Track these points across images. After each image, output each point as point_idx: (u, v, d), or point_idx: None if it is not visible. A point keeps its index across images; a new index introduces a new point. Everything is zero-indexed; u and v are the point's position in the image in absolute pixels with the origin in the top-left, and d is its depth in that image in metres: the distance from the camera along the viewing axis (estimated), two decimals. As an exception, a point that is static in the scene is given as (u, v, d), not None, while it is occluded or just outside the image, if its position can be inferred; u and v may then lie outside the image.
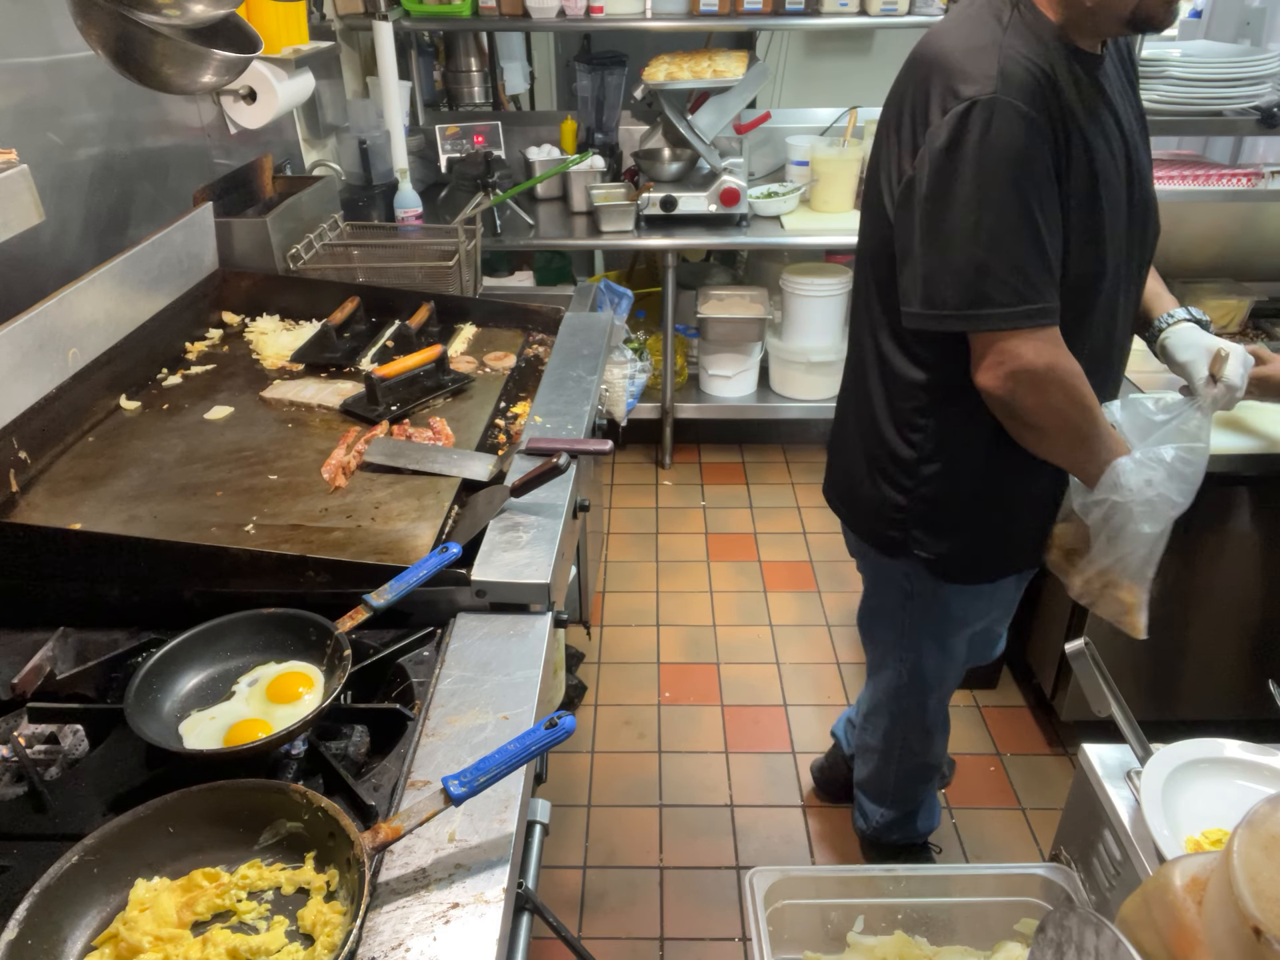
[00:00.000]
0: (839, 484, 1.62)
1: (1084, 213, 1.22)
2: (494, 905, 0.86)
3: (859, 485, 1.52)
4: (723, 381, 3.43)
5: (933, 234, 1.21)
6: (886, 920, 1.37)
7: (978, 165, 1.15)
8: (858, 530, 1.59)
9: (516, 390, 1.77)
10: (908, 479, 1.43)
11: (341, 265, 2.16)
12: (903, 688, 1.69)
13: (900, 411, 1.40)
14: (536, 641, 1.18)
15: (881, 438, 1.44)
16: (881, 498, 1.47)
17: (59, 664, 1.17)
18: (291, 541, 1.27)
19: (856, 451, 1.52)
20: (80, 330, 1.50)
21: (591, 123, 3.51)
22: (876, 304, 1.39)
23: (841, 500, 1.62)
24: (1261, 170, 2.57)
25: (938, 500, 1.43)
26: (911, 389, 1.37)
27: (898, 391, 1.39)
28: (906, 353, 1.36)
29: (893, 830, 1.91)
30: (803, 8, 3.00)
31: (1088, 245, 1.24)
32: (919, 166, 1.20)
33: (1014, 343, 1.20)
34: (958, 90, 1.15)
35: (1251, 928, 0.74)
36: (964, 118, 1.14)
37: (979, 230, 1.17)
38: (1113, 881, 1.15)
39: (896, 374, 1.38)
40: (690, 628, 2.71)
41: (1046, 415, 1.26)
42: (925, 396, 1.36)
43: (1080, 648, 1.22)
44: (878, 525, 1.51)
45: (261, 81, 2.05)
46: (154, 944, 0.82)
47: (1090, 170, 1.20)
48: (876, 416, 1.44)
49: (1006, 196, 1.15)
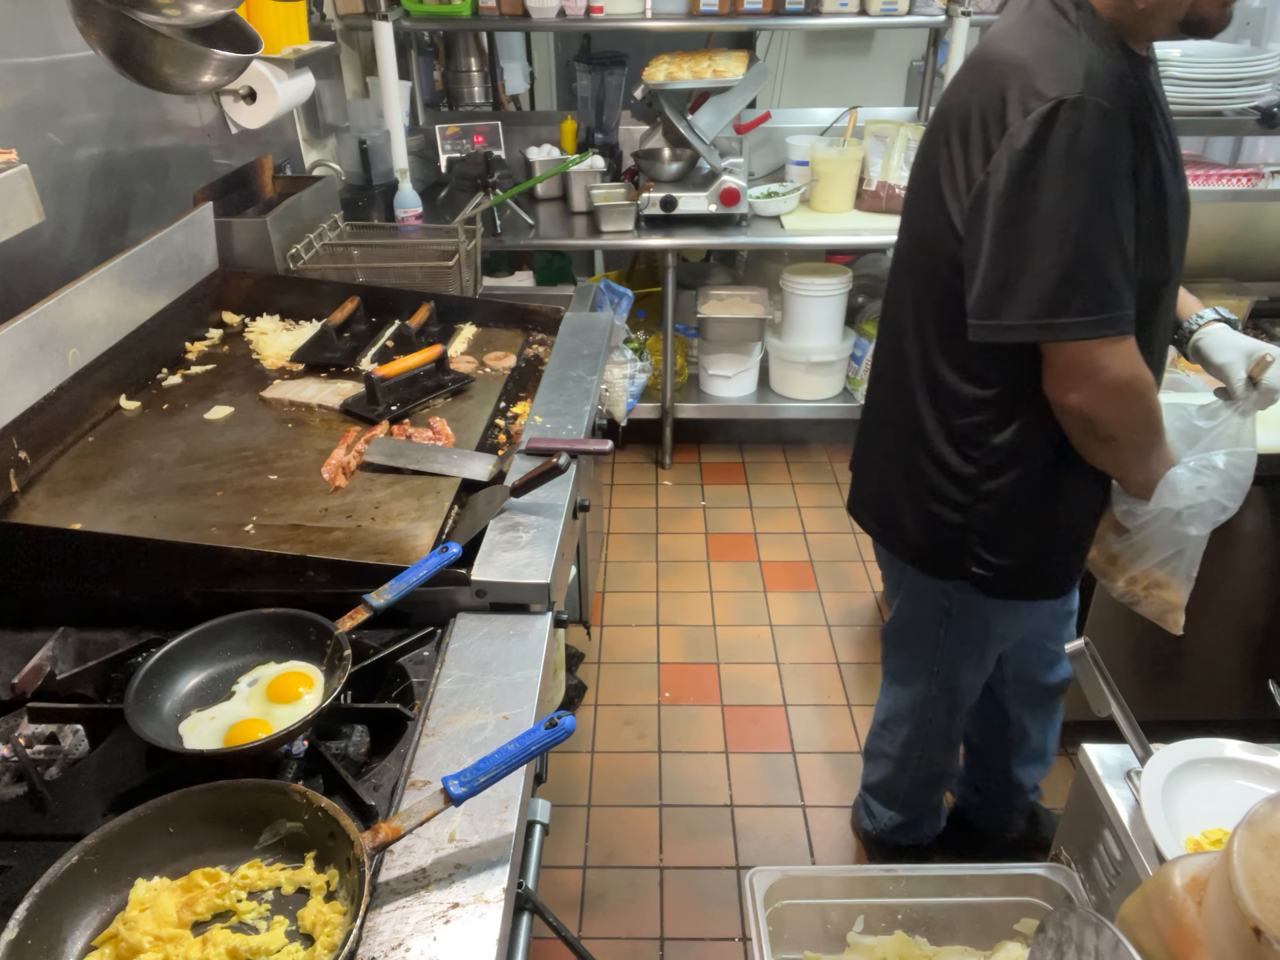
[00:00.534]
0: (870, 503, 1.58)
1: (1152, 215, 1.19)
2: (494, 905, 0.86)
3: (898, 504, 1.48)
4: (723, 381, 3.43)
5: (1011, 239, 1.16)
6: (886, 920, 1.37)
7: (1064, 166, 1.11)
8: (896, 549, 1.55)
9: (516, 390, 1.77)
10: (965, 495, 1.38)
11: (341, 265, 2.16)
12: (931, 700, 1.67)
13: (958, 429, 1.35)
14: (536, 641, 1.18)
15: (934, 456, 1.39)
16: (931, 517, 1.43)
17: (59, 664, 1.17)
18: (291, 541, 1.27)
19: (893, 470, 1.48)
20: (80, 330, 1.50)
21: (591, 123, 3.51)
22: (929, 321, 1.34)
23: (876, 519, 1.57)
24: (1261, 170, 2.58)
25: (1000, 517, 1.38)
26: (972, 405, 1.32)
27: (954, 408, 1.34)
28: (966, 369, 1.31)
29: (900, 833, 1.91)
30: (803, 8, 3.00)
31: (1157, 250, 1.21)
32: (994, 171, 1.16)
33: (1097, 354, 1.16)
34: (1041, 91, 1.11)
35: (1251, 928, 0.74)
36: (1049, 117, 1.10)
37: (1064, 234, 1.12)
38: (1113, 881, 1.15)
39: (952, 391, 1.33)
40: (690, 628, 2.71)
41: (1123, 428, 1.23)
42: (988, 412, 1.32)
43: (1080, 648, 1.22)
44: (924, 544, 1.47)
45: (261, 81, 2.05)
46: (154, 944, 0.82)
47: (1156, 171, 1.18)
48: (927, 434, 1.39)
49: (1093, 198, 1.11)
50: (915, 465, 1.43)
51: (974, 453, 1.35)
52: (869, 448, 1.58)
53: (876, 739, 1.85)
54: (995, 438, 1.33)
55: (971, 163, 1.20)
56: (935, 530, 1.44)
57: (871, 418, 1.57)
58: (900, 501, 1.48)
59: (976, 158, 1.19)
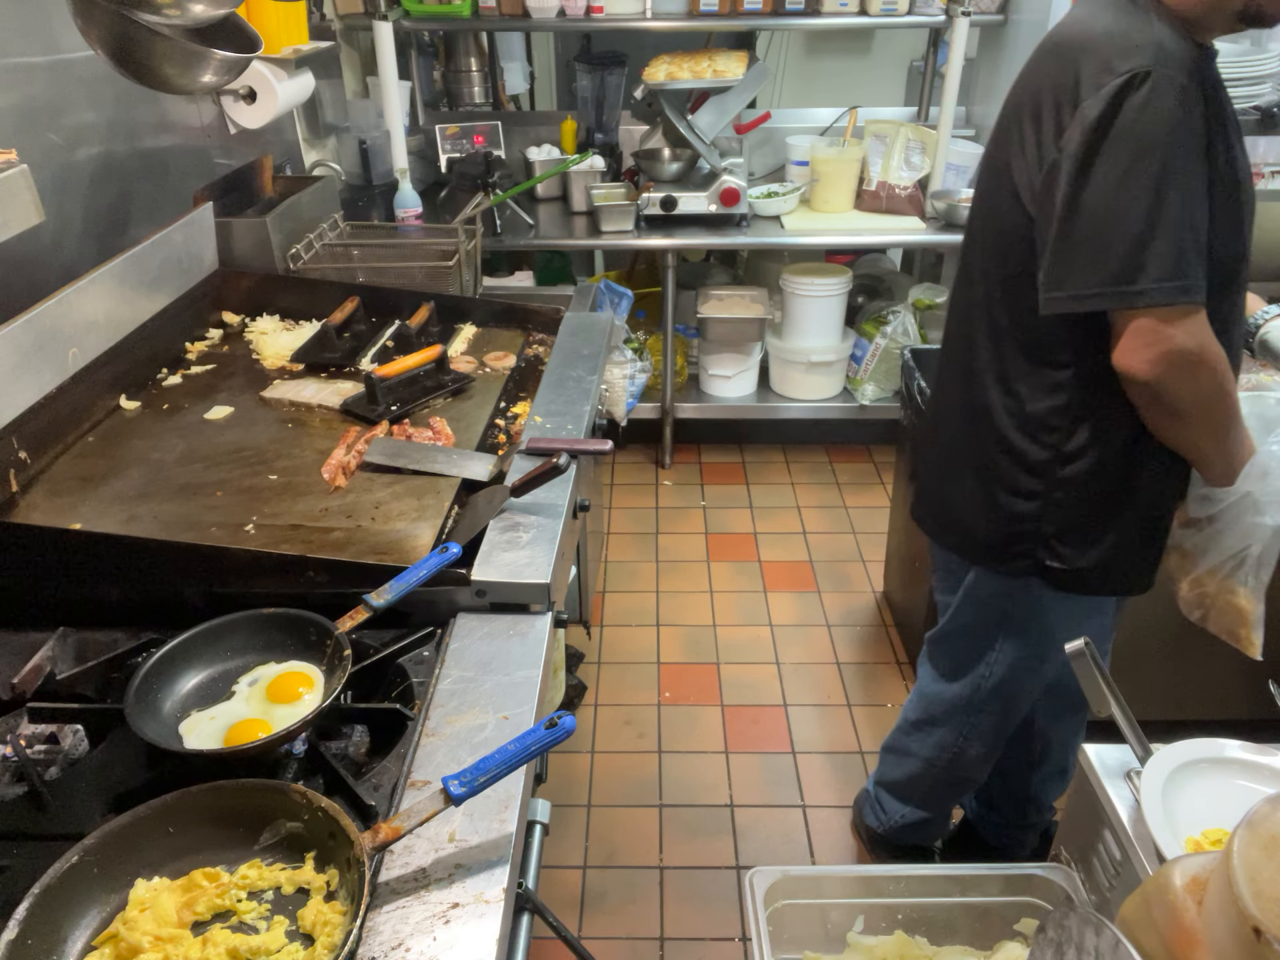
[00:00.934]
0: (932, 502, 1.57)
1: (1226, 195, 1.19)
2: (494, 905, 0.86)
3: (965, 502, 1.47)
4: (723, 381, 3.43)
5: (1083, 210, 1.17)
6: (886, 920, 1.37)
7: (1137, 136, 1.12)
8: (961, 549, 1.52)
9: (516, 390, 1.77)
10: (1039, 483, 1.37)
11: (341, 265, 2.16)
12: (975, 706, 1.65)
13: (1031, 415, 1.34)
14: (536, 641, 1.18)
15: (1006, 445, 1.38)
16: (1001, 510, 1.41)
17: (59, 664, 1.17)
18: (291, 541, 1.27)
19: (961, 467, 1.46)
20: (80, 330, 1.50)
21: (591, 123, 3.51)
22: (1001, 307, 1.34)
23: (939, 520, 1.56)
24: (1261, 170, 2.57)
25: (1076, 504, 1.36)
26: (1046, 389, 1.32)
27: (1028, 393, 1.34)
28: (1040, 351, 1.31)
29: (910, 832, 1.90)
30: (803, 8, 3.00)
31: (1231, 226, 1.21)
32: (1066, 145, 1.17)
33: (1166, 322, 1.16)
34: (1114, 66, 1.13)
35: (1251, 928, 0.74)
36: (1123, 90, 1.12)
37: (1135, 202, 1.13)
38: (1113, 881, 1.15)
39: (1026, 375, 1.33)
40: (690, 628, 2.71)
41: (1193, 401, 1.22)
42: (1063, 395, 1.31)
43: (1080, 648, 1.22)
44: (994, 540, 1.45)
45: (261, 81, 2.05)
46: (154, 944, 0.82)
47: (1228, 149, 1.19)
48: (998, 424, 1.38)
49: (1165, 169, 1.12)
50: (985, 458, 1.42)
51: (1049, 438, 1.34)
52: (934, 449, 1.56)
53: (904, 737, 1.82)
54: (1070, 421, 1.32)
55: (1043, 141, 1.22)
56: (1006, 523, 1.42)
57: (938, 419, 1.55)
58: (967, 498, 1.46)
59: (1048, 136, 1.21)
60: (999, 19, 3.07)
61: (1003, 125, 1.32)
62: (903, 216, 3.15)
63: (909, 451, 1.70)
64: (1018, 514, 1.40)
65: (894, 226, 3.13)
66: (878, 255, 3.82)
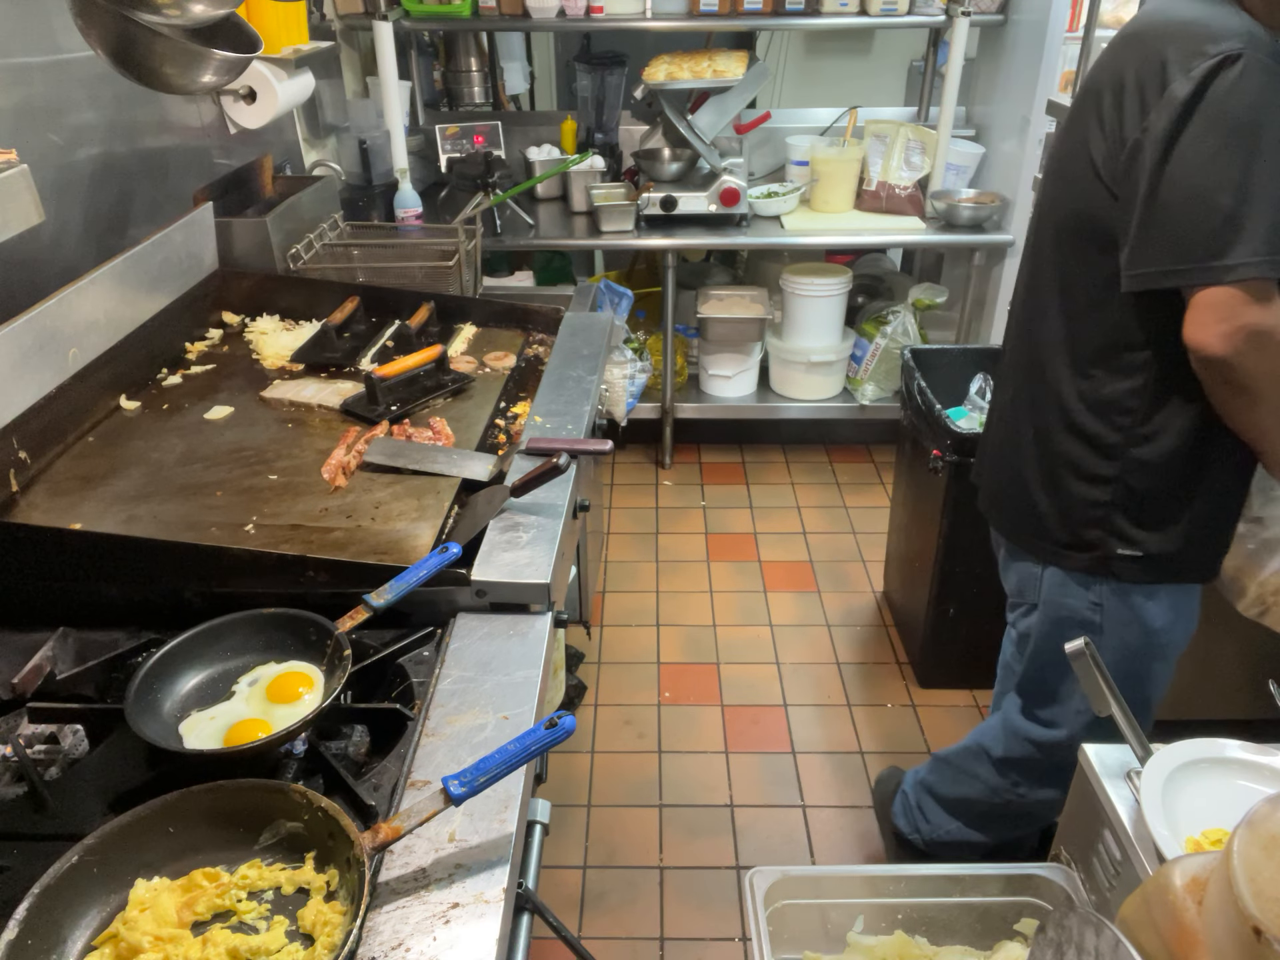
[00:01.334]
0: (999, 498, 1.55)
1: None
2: (494, 905, 0.86)
3: (1033, 495, 1.45)
4: (723, 381, 3.43)
5: (1171, 187, 1.17)
6: (886, 920, 1.37)
7: (1227, 114, 1.13)
8: (1033, 547, 1.50)
9: (516, 390, 1.77)
10: (1111, 467, 1.36)
11: (341, 265, 2.16)
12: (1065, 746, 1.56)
13: (1106, 398, 1.34)
14: (536, 641, 1.18)
15: (1077, 429, 1.38)
16: (1071, 498, 1.41)
17: (59, 664, 1.17)
18: (291, 541, 1.27)
19: (1028, 459, 1.45)
20: (80, 330, 1.50)
21: (591, 123, 3.51)
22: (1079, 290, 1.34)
23: (1009, 517, 1.54)
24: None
25: (1148, 488, 1.36)
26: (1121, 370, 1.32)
27: (1103, 375, 1.34)
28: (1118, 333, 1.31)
29: (953, 850, 1.82)
30: (803, 8, 3.00)
31: None
32: (1152, 125, 1.18)
33: (1243, 298, 1.16)
34: (1205, 49, 1.14)
35: (1251, 928, 0.74)
36: (1214, 71, 1.13)
37: (1225, 179, 1.14)
38: (1113, 881, 1.15)
39: (1101, 357, 1.33)
40: (690, 628, 2.71)
41: (1265, 380, 1.21)
42: (1139, 376, 1.31)
43: (1080, 648, 1.22)
44: (1065, 533, 1.43)
45: (261, 81, 2.05)
46: (154, 944, 0.82)
47: None
48: (1069, 409, 1.38)
49: (1255, 146, 1.13)
50: (1054, 445, 1.41)
51: (1123, 420, 1.34)
52: (999, 445, 1.55)
53: (973, 760, 1.75)
54: (1147, 403, 1.32)
55: (1126, 123, 1.22)
56: (1077, 511, 1.41)
57: (1004, 414, 1.54)
58: (1035, 490, 1.45)
59: (1131, 118, 1.22)
60: (999, 19, 3.07)
61: (1077, 111, 1.32)
62: (903, 216, 3.15)
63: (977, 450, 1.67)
64: (1088, 500, 1.39)
65: (894, 226, 3.13)
66: (878, 255, 3.82)
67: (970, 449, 2.08)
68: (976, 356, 2.48)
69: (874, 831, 2.07)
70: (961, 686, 2.47)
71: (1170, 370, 1.29)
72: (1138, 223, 1.22)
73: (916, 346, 2.52)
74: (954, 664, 2.44)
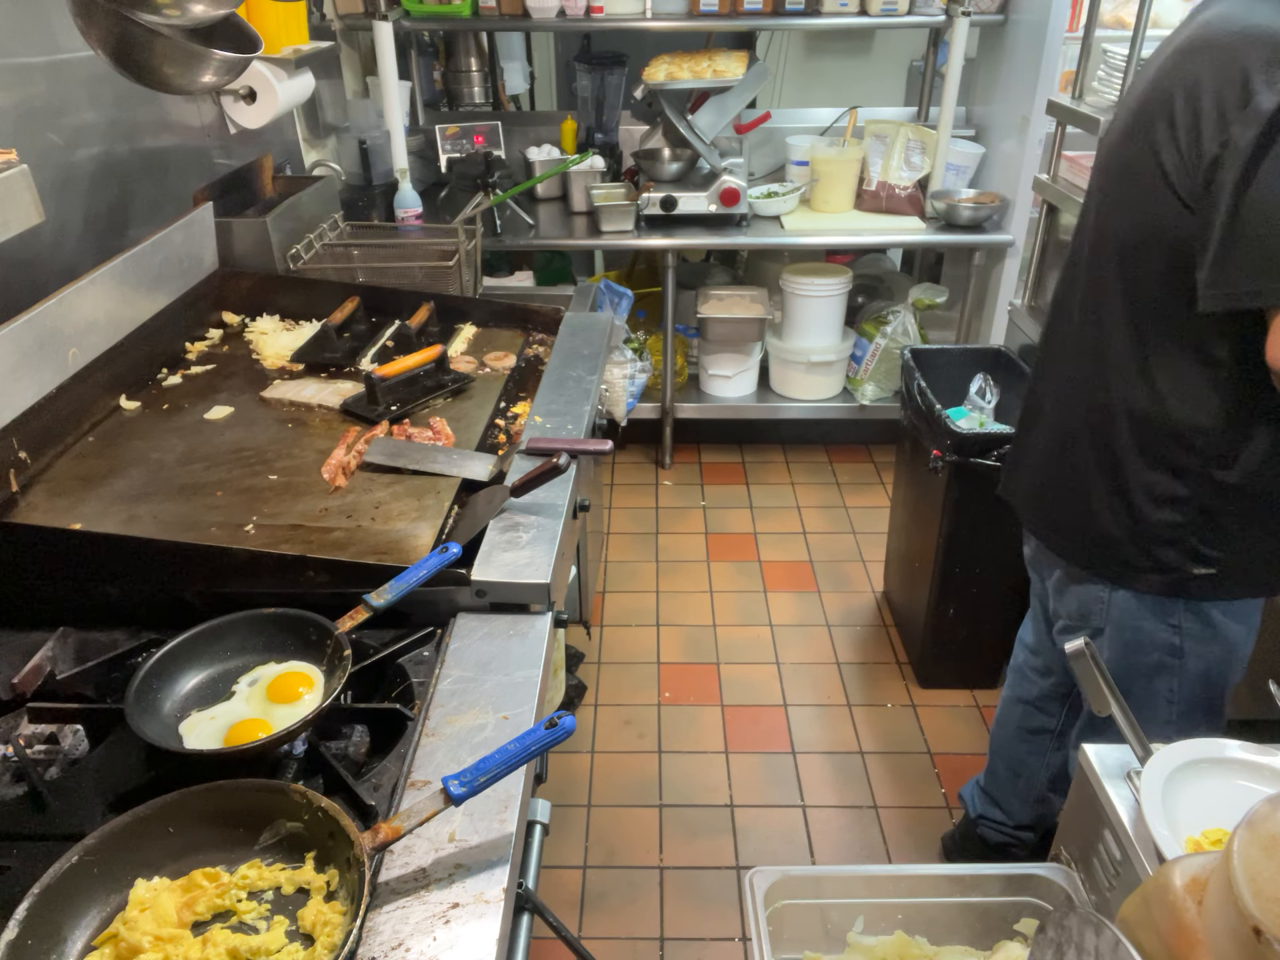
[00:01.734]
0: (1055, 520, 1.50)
1: None
2: (494, 905, 0.86)
3: (1100, 519, 1.41)
4: (723, 381, 3.43)
5: (1252, 205, 1.14)
6: (886, 920, 1.36)
7: None
8: (1104, 570, 1.45)
9: (516, 390, 1.77)
10: (1188, 488, 1.32)
11: (341, 265, 2.16)
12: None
13: (1182, 419, 1.30)
14: (536, 641, 1.18)
15: (1150, 451, 1.33)
16: (1145, 519, 1.36)
17: (59, 664, 1.17)
18: (291, 541, 1.27)
19: (1091, 480, 1.41)
20: (80, 330, 1.50)
21: (591, 123, 3.52)
22: (1146, 307, 1.30)
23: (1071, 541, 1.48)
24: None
25: (1224, 508, 1.32)
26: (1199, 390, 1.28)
27: (1178, 397, 1.30)
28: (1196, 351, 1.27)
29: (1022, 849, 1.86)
30: (803, 8, 3.00)
31: None
32: (1235, 139, 1.14)
33: None
34: None
35: (1251, 928, 0.74)
36: None
37: None
38: (1113, 881, 1.15)
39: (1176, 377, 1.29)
40: (690, 628, 2.72)
41: None
42: (1217, 396, 1.27)
43: (1080, 647, 1.22)
44: (1139, 554, 1.39)
45: (261, 81, 2.05)
46: (154, 944, 0.82)
47: None
48: (1138, 429, 1.34)
49: None
50: (1126, 469, 1.37)
51: (1200, 441, 1.30)
52: (1051, 465, 1.50)
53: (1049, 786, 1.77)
54: (1225, 423, 1.28)
55: (1203, 135, 1.19)
56: (1152, 534, 1.37)
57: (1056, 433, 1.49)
58: (1103, 514, 1.40)
59: (1209, 131, 1.18)
60: (999, 19, 3.07)
61: (1142, 121, 1.28)
62: (903, 216, 3.16)
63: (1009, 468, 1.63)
64: (1165, 522, 1.36)
65: (894, 226, 3.13)
66: (878, 255, 3.83)
67: (970, 449, 2.09)
68: (976, 356, 2.49)
69: (874, 831, 2.08)
70: (961, 686, 2.47)
71: (1250, 392, 1.25)
72: (1219, 240, 1.17)
73: (916, 346, 2.52)
74: (954, 664, 2.44)
